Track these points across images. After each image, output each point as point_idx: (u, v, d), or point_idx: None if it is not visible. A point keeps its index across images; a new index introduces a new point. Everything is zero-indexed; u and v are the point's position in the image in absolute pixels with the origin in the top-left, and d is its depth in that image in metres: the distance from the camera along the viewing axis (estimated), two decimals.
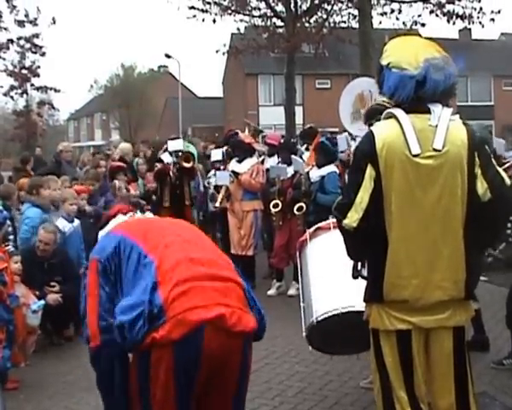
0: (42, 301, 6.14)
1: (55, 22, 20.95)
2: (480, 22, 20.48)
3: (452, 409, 3.18)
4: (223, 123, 45.66)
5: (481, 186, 3.06)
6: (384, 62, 3.20)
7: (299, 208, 8.32)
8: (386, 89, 3.19)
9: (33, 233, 7.36)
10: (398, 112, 3.10)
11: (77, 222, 7.95)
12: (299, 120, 29.75)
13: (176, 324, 2.63)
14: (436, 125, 3.04)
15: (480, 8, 20.37)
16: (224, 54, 25.93)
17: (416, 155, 3.01)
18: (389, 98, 3.26)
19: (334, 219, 4.62)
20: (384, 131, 3.11)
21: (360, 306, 4.29)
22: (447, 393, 3.18)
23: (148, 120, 52.61)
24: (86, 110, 70.68)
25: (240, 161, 9.42)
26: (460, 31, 39.84)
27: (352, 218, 3.05)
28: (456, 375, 3.17)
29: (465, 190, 3.05)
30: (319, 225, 5.06)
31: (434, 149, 3.01)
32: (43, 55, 21.07)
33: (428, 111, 3.09)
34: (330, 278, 4.60)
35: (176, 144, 10.20)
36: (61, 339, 7.15)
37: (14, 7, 20.22)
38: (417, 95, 3.08)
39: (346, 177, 7.70)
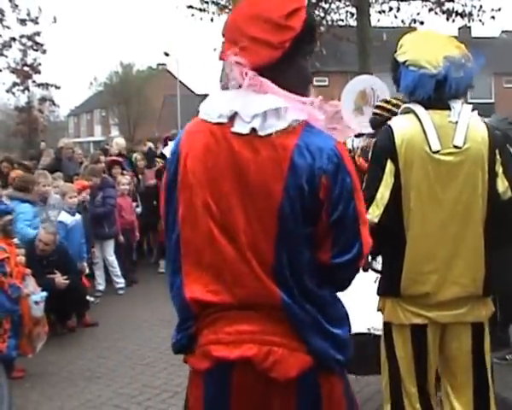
0: (44, 293, 6.25)
1: (56, 21, 21.08)
2: (480, 20, 20.37)
3: (470, 407, 3.11)
4: None
5: (502, 185, 3.01)
6: (400, 59, 3.08)
7: None
8: (403, 87, 3.09)
9: (29, 226, 7.50)
10: (417, 108, 3.02)
11: (78, 216, 8.12)
12: None
13: (201, 355, 2.10)
14: (456, 122, 2.97)
15: (480, 6, 20.25)
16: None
17: (435, 152, 2.93)
18: (408, 96, 3.15)
19: None
20: (403, 126, 3.01)
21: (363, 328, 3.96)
22: (465, 390, 3.12)
23: (146, 117, 52.75)
24: (86, 106, 70.88)
25: None
26: (459, 28, 39.69)
27: (374, 213, 2.96)
28: (474, 373, 3.11)
29: (485, 187, 2.98)
30: None
31: (455, 146, 2.94)
32: (44, 52, 21.19)
33: (448, 107, 3.01)
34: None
35: None
36: (63, 329, 7.33)
37: (17, 6, 20.35)
38: (437, 93, 2.99)
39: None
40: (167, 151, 10.48)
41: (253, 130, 2.00)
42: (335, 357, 2.06)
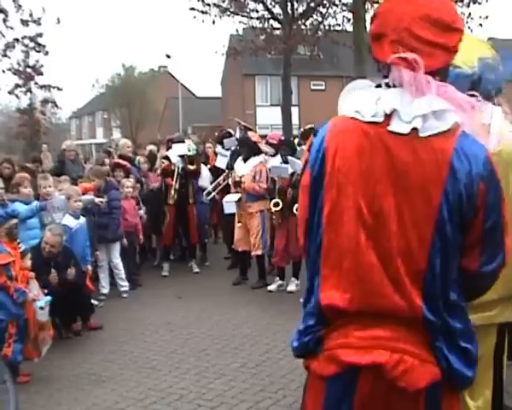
0: (48, 297, 6.27)
1: (59, 22, 20.97)
2: (469, 27, 20.91)
3: (489, 405, 3.13)
4: (221, 122, 45.86)
5: None
6: None
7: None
8: None
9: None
10: None
11: (83, 219, 8.13)
12: (294, 120, 29.94)
13: (328, 359, 2.05)
14: (489, 124, 2.94)
15: (469, 14, 20.93)
16: (222, 55, 26.18)
17: None
18: None
19: None
20: None
21: None
22: (483, 391, 3.12)
23: (148, 119, 52.92)
24: (88, 109, 71.20)
25: (245, 160, 9.60)
26: None
27: None
28: (494, 373, 3.13)
29: None
30: None
31: None
32: (46, 54, 21.09)
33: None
34: None
35: (181, 149, 10.46)
36: (69, 333, 7.30)
37: (20, 6, 20.22)
38: (471, 94, 2.99)
39: None
40: (171, 154, 10.49)
41: (413, 130, 1.95)
42: (464, 373, 2.02)
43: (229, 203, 9.70)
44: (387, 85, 2.04)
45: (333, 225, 2.03)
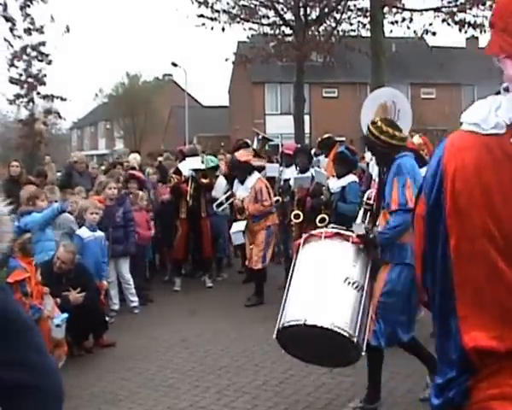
0: (65, 315, 6.13)
1: (69, 31, 20.78)
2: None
3: None
4: (229, 132, 45.70)
5: None
6: None
7: (322, 220, 8.22)
8: None
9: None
10: None
11: (99, 233, 7.96)
12: (306, 128, 29.74)
13: None
14: None
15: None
16: (233, 63, 26.00)
17: None
18: None
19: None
20: None
21: (327, 323, 4.43)
22: None
23: (152, 129, 52.66)
24: (90, 119, 71.03)
25: (242, 182, 9.38)
26: (467, 39, 39.77)
27: None
28: None
29: None
30: (312, 232, 5.18)
31: None
32: (49, 63, 20.86)
33: None
34: (308, 288, 4.76)
35: (194, 163, 10.22)
36: (81, 351, 7.11)
37: (28, 15, 20.05)
38: None
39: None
40: (183, 167, 10.26)
41: None
42: None
43: (237, 234, 9.47)
44: (505, 90, 1.81)
45: (464, 257, 1.80)
